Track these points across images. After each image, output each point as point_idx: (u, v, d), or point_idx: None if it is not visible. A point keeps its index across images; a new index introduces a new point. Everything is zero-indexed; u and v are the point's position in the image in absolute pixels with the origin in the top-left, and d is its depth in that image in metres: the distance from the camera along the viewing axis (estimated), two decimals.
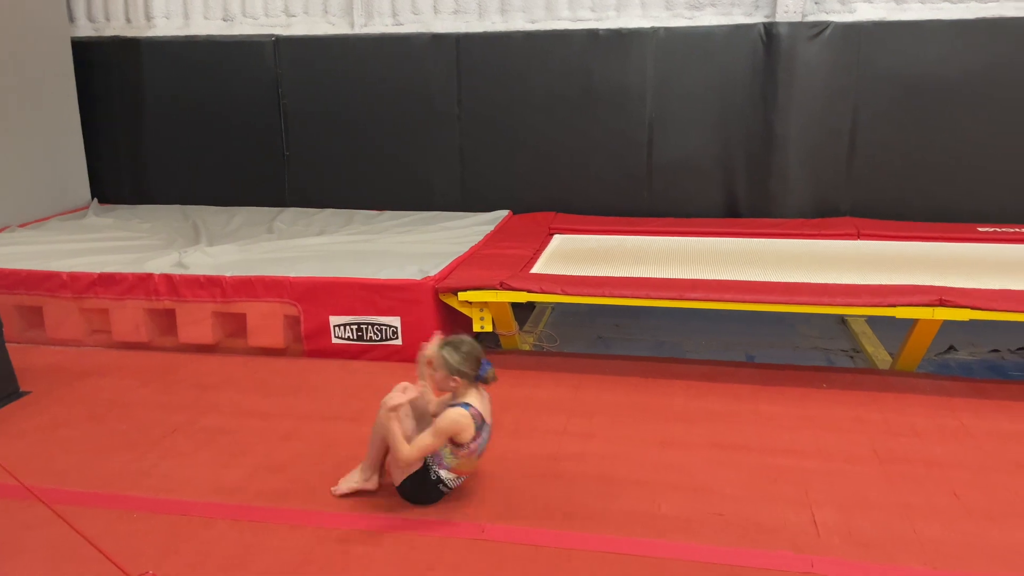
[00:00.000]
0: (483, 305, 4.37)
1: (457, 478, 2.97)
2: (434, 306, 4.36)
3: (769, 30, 5.64)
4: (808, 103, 5.68)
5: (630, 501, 2.98)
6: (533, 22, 6.14)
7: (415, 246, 5.15)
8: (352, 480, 3.09)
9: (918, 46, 5.50)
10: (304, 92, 6.44)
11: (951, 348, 4.73)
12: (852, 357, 4.72)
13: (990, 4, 5.50)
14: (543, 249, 5.24)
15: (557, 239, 5.57)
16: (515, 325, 4.63)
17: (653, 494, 3.03)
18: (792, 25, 5.59)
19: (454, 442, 2.89)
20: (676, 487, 3.08)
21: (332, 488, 3.09)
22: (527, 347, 4.86)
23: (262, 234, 5.62)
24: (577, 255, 5.16)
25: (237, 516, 2.93)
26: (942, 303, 3.84)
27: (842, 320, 5.24)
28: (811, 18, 5.66)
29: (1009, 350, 4.72)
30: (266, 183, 6.62)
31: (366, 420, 3.67)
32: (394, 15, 6.32)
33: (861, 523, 2.80)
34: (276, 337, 4.47)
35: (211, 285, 4.50)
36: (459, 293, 4.33)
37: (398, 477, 2.97)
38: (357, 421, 3.67)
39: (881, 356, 4.57)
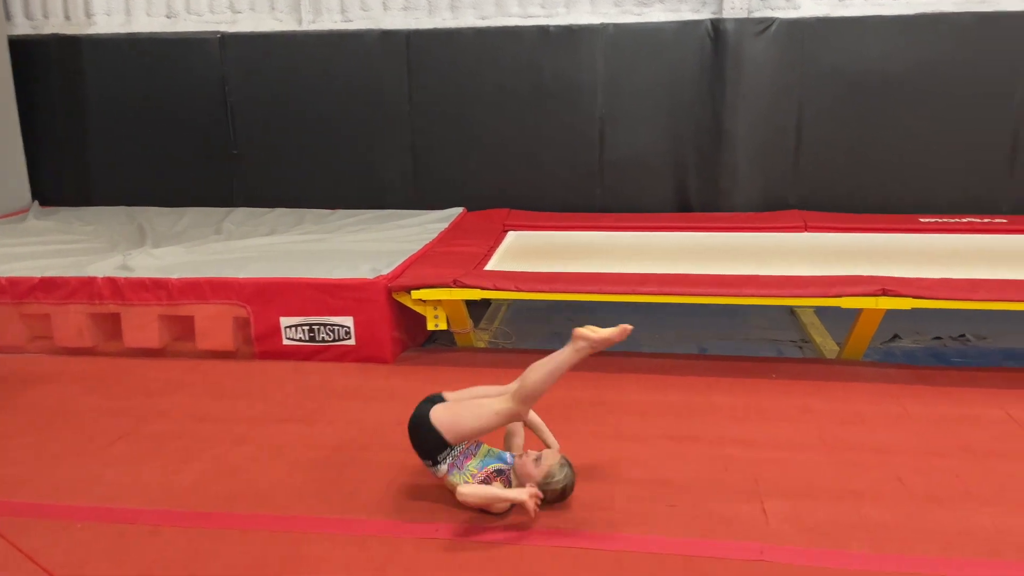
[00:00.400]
0: (437, 303, 4.35)
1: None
2: (387, 305, 4.32)
3: (716, 26, 5.72)
4: (755, 99, 5.77)
5: (585, 495, 2.99)
6: (483, 19, 6.13)
7: (368, 245, 5.11)
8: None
9: (860, 41, 5.63)
10: (252, 90, 6.33)
11: (896, 336, 4.85)
12: (801, 347, 4.81)
13: (928, 0, 5.65)
14: (497, 246, 5.24)
15: (511, 236, 5.58)
16: (470, 323, 4.62)
17: (608, 487, 3.05)
18: (739, 21, 5.67)
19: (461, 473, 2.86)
20: (630, 480, 3.10)
21: None
22: (482, 344, 4.86)
23: (210, 235, 5.51)
24: (531, 251, 5.17)
25: (186, 523, 2.87)
26: (885, 293, 3.93)
27: (791, 311, 5.34)
28: (757, 14, 5.75)
29: (951, 337, 4.86)
30: (214, 183, 6.50)
31: (319, 421, 3.65)
32: (343, 11, 6.25)
33: (809, 510, 2.86)
34: (225, 340, 4.40)
35: (157, 288, 4.40)
36: (412, 291, 4.31)
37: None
38: (310, 423, 3.63)
39: (829, 346, 4.67)
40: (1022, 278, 4.12)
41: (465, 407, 2.94)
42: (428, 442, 2.87)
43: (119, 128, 6.52)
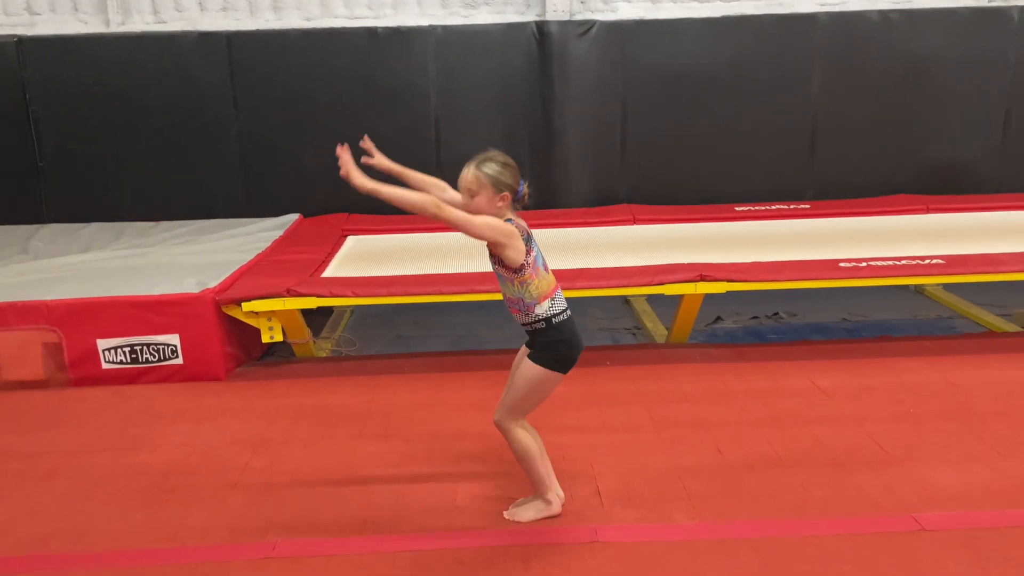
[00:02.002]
0: (271, 314, 4.21)
1: (552, 304, 2.63)
2: (216, 320, 4.13)
3: (541, 28, 5.88)
4: (582, 97, 5.98)
5: (427, 497, 3.00)
6: (308, 20, 5.99)
7: (194, 257, 4.86)
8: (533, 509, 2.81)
9: (674, 42, 5.96)
10: (57, 98, 5.86)
11: (718, 319, 5.19)
12: (635, 334, 5.05)
13: (732, 3, 6.07)
14: (336, 252, 5.14)
15: (351, 240, 5.48)
16: (308, 332, 4.50)
17: (450, 487, 3.06)
18: (561, 24, 5.85)
19: (513, 268, 2.59)
20: (471, 477, 3.14)
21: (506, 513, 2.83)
22: (324, 353, 4.75)
23: (15, 255, 5.05)
24: (372, 256, 5.11)
25: None
26: (703, 278, 4.19)
27: (626, 300, 5.59)
28: (578, 17, 5.96)
29: (766, 316, 5.26)
30: (18, 199, 5.96)
31: (142, 448, 3.44)
32: (155, 12, 5.91)
33: (639, 487, 3.00)
34: (34, 368, 4.05)
35: None
36: (243, 304, 4.14)
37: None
38: (132, 450, 3.42)
39: (659, 331, 4.92)
40: (824, 258, 4.52)
41: None
42: None
43: None
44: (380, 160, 2.84)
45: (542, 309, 2.63)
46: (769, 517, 2.79)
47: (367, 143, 2.84)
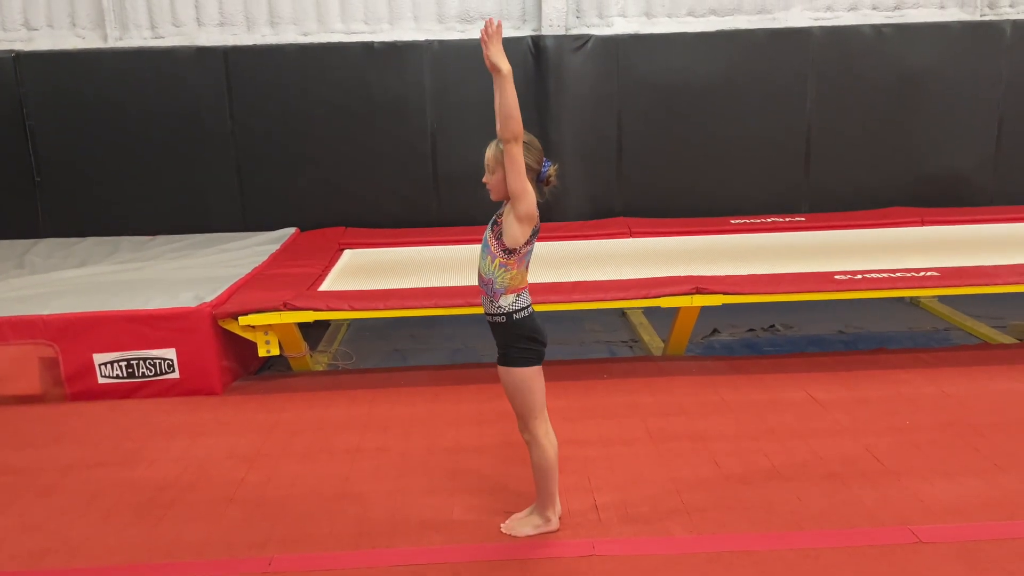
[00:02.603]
0: (267, 328, 4.21)
1: (517, 299, 2.67)
2: (213, 334, 4.13)
3: (537, 43, 5.91)
4: (578, 111, 6.01)
5: (425, 511, 2.99)
6: (306, 35, 6.02)
7: (191, 271, 4.86)
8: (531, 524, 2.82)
9: (669, 56, 6.00)
10: (55, 113, 5.87)
11: (715, 331, 5.20)
12: (631, 347, 5.05)
13: (726, 18, 6.12)
14: (332, 266, 5.14)
15: (348, 254, 5.49)
16: (304, 346, 4.50)
17: (446, 501, 3.06)
18: (557, 38, 5.89)
19: (504, 247, 2.62)
20: (468, 490, 3.13)
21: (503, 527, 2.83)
22: (321, 367, 4.74)
23: (11, 270, 5.05)
24: (369, 269, 5.11)
25: None
26: (699, 291, 4.21)
27: (623, 313, 5.60)
28: (574, 31, 6.00)
29: (762, 328, 5.27)
30: (15, 214, 5.96)
31: (139, 463, 3.43)
32: (152, 27, 5.94)
33: (636, 501, 3.00)
34: (30, 383, 4.04)
35: None
36: (240, 318, 4.14)
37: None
38: (128, 465, 3.41)
39: (655, 344, 4.92)
40: (820, 271, 4.53)
41: None
42: None
43: None
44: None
45: (506, 301, 2.67)
46: (767, 530, 2.79)
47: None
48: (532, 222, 2.61)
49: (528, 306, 2.72)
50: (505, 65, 2.49)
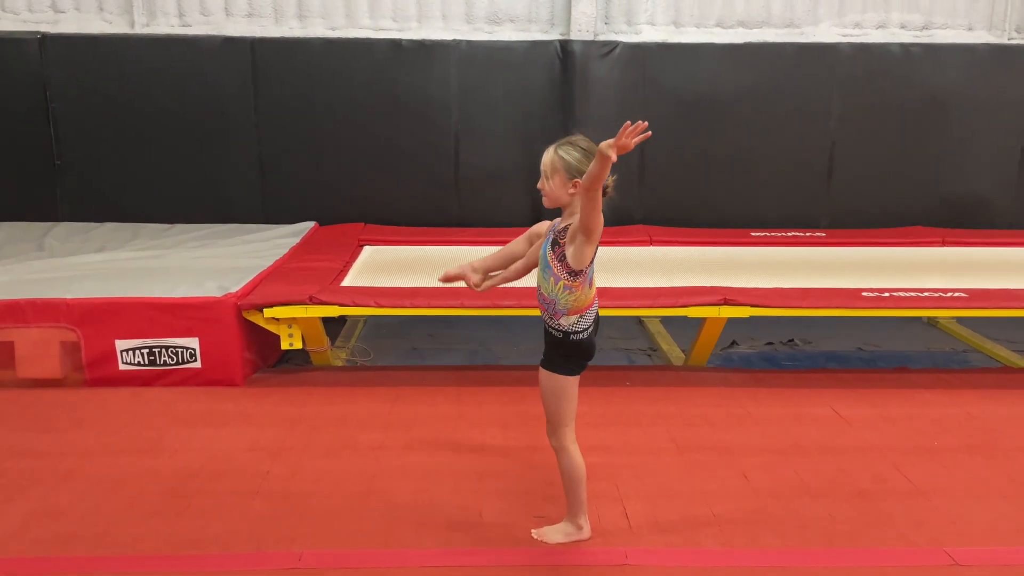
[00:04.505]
0: (292, 321, 4.19)
1: (579, 320, 2.59)
2: (237, 325, 4.11)
3: (564, 47, 5.90)
4: (603, 117, 5.99)
5: (453, 513, 2.97)
6: (333, 29, 6.01)
7: (212, 261, 4.83)
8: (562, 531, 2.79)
9: (695, 66, 5.99)
10: (78, 97, 5.84)
11: (733, 343, 5.18)
12: (650, 355, 5.03)
13: (754, 30, 6.11)
14: (353, 261, 5.12)
15: (367, 251, 5.47)
16: (327, 341, 4.48)
17: (473, 503, 3.04)
18: (585, 43, 5.88)
19: (570, 270, 2.52)
20: (495, 493, 3.11)
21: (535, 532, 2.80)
22: (340, 363, 4.72)
23: (31, 252, 5.02)
24: (389, 266, 5.09)
25: (12, 570, 2.58)
26: (727, 302, 4.19)
27: (640, 321, 5.58)
28: (602, 37, 5.99)
29: (781, 343, 5.26)
30: (34, 196, 5.93)
31: (162, 452, 3.41)
32: (180, 15, 5.92)
33: (666, 511, 2.97)
34: (52, 366, 4.01)
35: None
36: (265, 310, 4.12)
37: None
38: (151, 453, 3.38)
39: (675, 353, 4.91)
40: (843, 286, 4.52)
41: None
42: None
43: None
44: (485, 282, 2.99)
45: (568, 322, 2.61)
46: (799, 546, 2.77)
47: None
48: (596, 242, 2.52)
49: (588, 328, 2.65)
50: (615, 156, 2.34)
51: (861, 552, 2.73)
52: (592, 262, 2.57)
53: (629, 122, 2.30)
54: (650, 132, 2.32)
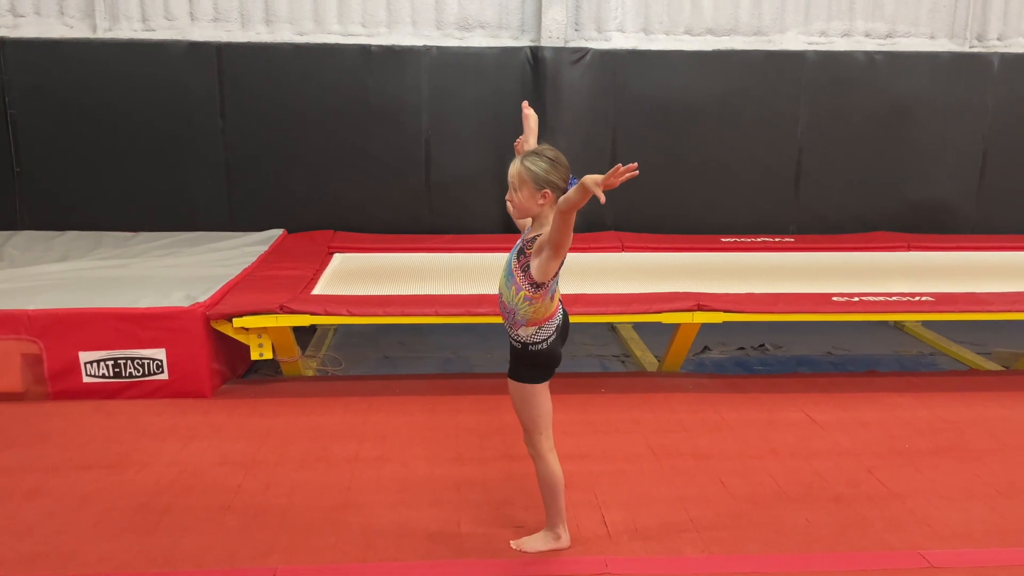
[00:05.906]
0: (262, 331, 4.11)
1: (538, 332, 2.57)
2: (205, 335, 4.02)
3: (535, 54, 5.90)
4: (574, 123, 6.01)
5: (430, 523, 2.93)
6: (301, 35, 5.94)
7: (178, 270, 4.74)
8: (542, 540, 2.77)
9: (665, 73, 6.03)
10: (38, 102, 5.70)
11: (706, 348, 5.21)
12: (623, 362, 5.03)
13: (723, 38, 6.17)
14: (323, 269, 5.05)
15: (338, 258, 5.40)
16: (297, 350, 4.41)
17: (451, 514, 3.00)
18: (556, 50, 5.89)
19: (531, 281, 2.49)
20: (474, 504, 3.08)
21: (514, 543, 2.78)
22: (311, 373, 4.65)
23: None
24: (360, 274, 5.04)
25: None
26: (700, 308, 4.21)
27: (612, 327, 5.58)
28: (572, 44, 6.00)
29: (752, 347, 5.29)
30: None
31: (129, 466, 3.32)
32: (144, 20, 5.80)
33: (644, 519, 2.97)
34: (12, 379, 3.88)
35: None
36: (234, 319, 4.04)
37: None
38: (118, 468, 3.29)
39: (648, 359, 4.92)
40: (812, 291, 4.56)
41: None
42: None
43: None
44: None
45: (526, 333, 2.60)
46: (778, 552, 2.78)
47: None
48: (561, 259, 2.50)
49: (547, 339, 2.62)
50: (600, 194, 2.32)
51: (839, 556, 2.75)
52: (556, 276, 2.55)
53: (620, 164, 2.29)
54: (637, 172, 2.31)
